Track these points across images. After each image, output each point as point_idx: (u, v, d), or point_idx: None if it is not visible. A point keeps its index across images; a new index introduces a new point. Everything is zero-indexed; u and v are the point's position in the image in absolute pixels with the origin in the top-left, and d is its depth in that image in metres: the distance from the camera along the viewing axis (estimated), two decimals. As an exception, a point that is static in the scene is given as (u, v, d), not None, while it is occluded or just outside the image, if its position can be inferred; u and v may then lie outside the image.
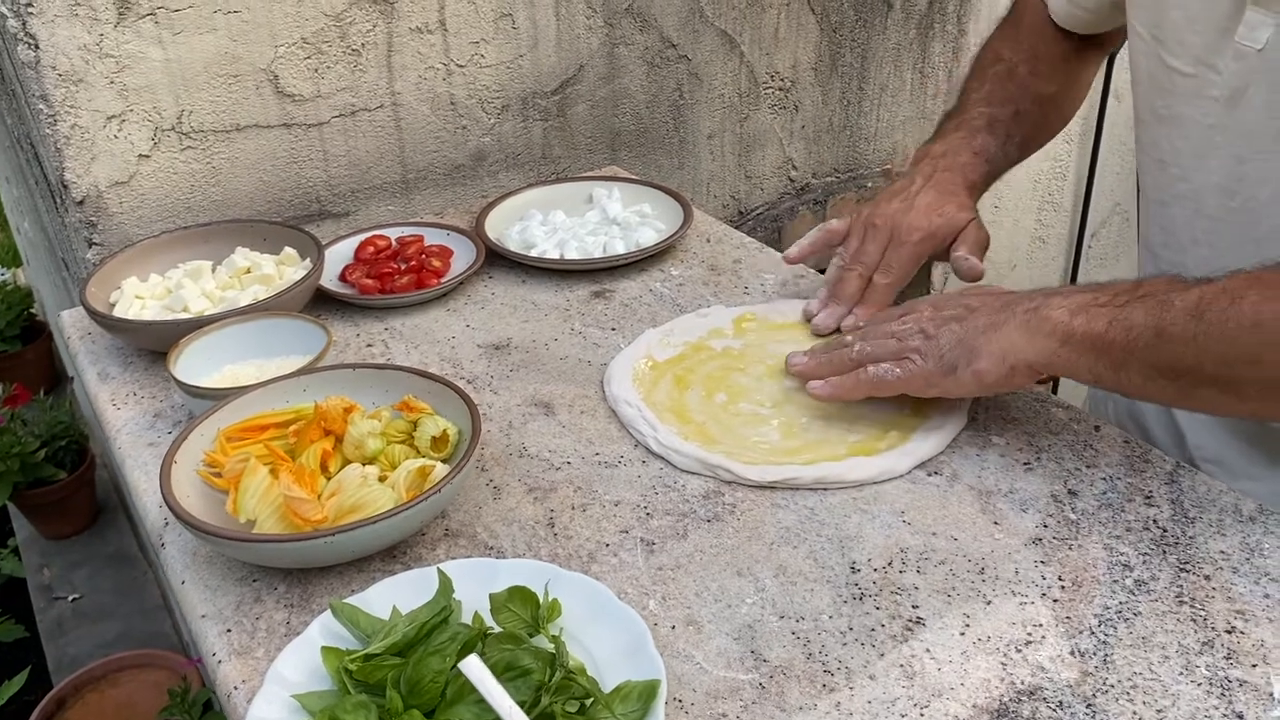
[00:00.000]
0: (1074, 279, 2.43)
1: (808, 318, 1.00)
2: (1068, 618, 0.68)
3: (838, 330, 0.97)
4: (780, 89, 1.66)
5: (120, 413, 0.92)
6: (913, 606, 0.69)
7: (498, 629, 0.64)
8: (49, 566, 2.06)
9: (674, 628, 0.68)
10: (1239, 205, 0.83)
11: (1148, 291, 0.72)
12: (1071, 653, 0.65)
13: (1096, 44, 1.09)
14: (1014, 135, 1.04)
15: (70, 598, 1.99)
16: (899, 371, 0.81)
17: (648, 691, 0.59)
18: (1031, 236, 2.26)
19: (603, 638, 0.65)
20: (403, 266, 1.11)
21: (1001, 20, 1.13)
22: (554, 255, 1.13)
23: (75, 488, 2.06)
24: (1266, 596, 0.69)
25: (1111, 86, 2.17)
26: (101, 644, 1.87)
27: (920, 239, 0.95)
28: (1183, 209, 0.89)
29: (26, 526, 2.14)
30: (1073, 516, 0.76)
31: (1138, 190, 1.01)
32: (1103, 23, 1.04)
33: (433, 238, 1.16)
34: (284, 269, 1.05)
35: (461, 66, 1.29)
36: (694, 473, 0.82)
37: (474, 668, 0.56)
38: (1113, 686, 0.63)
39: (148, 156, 1.12)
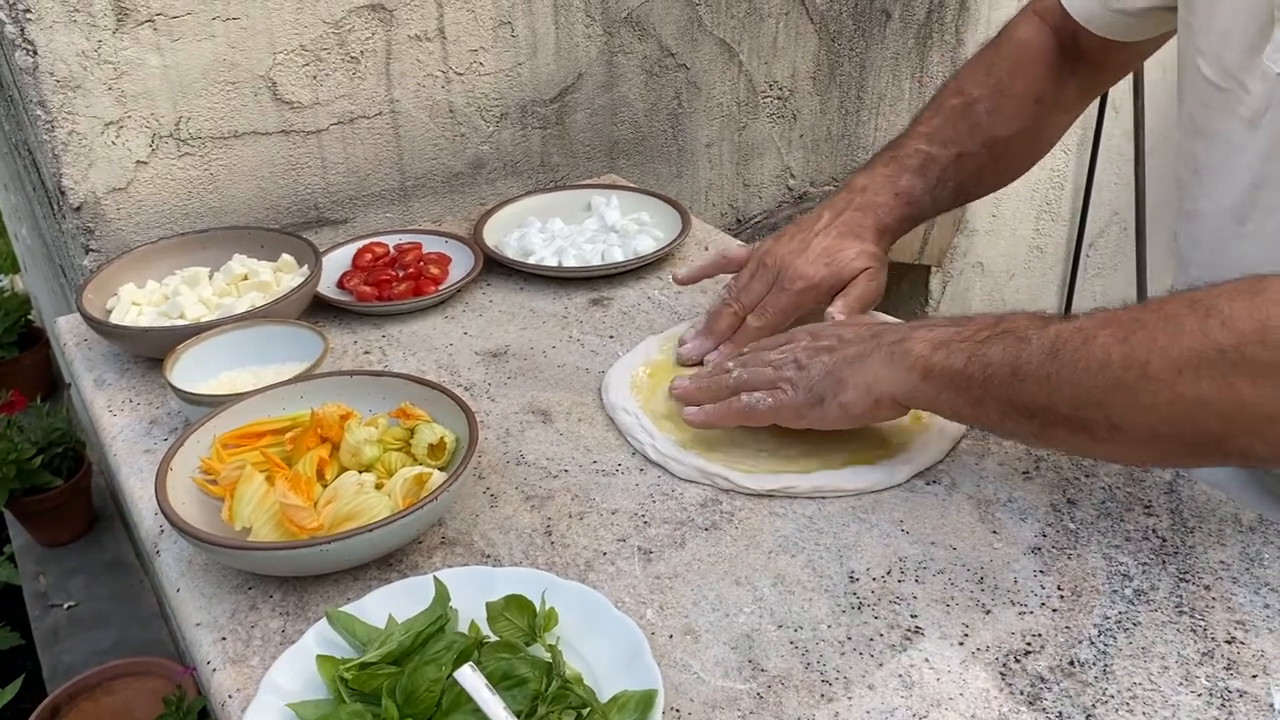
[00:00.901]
0: (1072, 289, 2.43)
1: (680, 344, 0.98)
2: (1067, 627, 0.68)
3: (700, 363, 0.96)
4: (779, 98, 1.67)
5: (116, 419, 0.92)
6: (911, 616, 0.69)
7: (494, 638, 0.64)
8: (45, 574, 2.06)
9: (671, 637, 0.68)
10: (1249, 232, 0.80)
11: (1008, 328, 0.71)
12: (1071, 663, 0.65)
13: (1095, 73, 1.01)
14: (948, 180, 0.98)
15: (66, 605, 1.98)
16: (770, 401, 0.81)
17: (645, 701, 0.59)
18: (1029, 246, 2.26)
19: (600, 647, 0.64)
20: (400, 274, 1.10)
21: (983, 45, 1.05)
22: (552, 263, 1.13)
23: (71, 495, 2.05)
24: (1266, 607, 0.68)
25: (1110, 98, 2.17)
26: (97, 652, 1.86)
27: (803, 289, 0.93)
28: (1202, 226, 0.86)
29: (22, 534, 2.13)
30: (1072, 526, 0.76)
31: (1174, 199, 0.95)
32: (1137, 30, 0.94)
33: (431, 245, 1.16)
34: (281, 276, 1.05)
35: (460, 74, 1.29)
36: (692, 481, 0.82)
37: (469, 677, 0.56)
38: (1112, 697, 0.63)
39: (145, 163, 1.12)
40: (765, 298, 0.95)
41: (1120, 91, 2.21)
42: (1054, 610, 0.69)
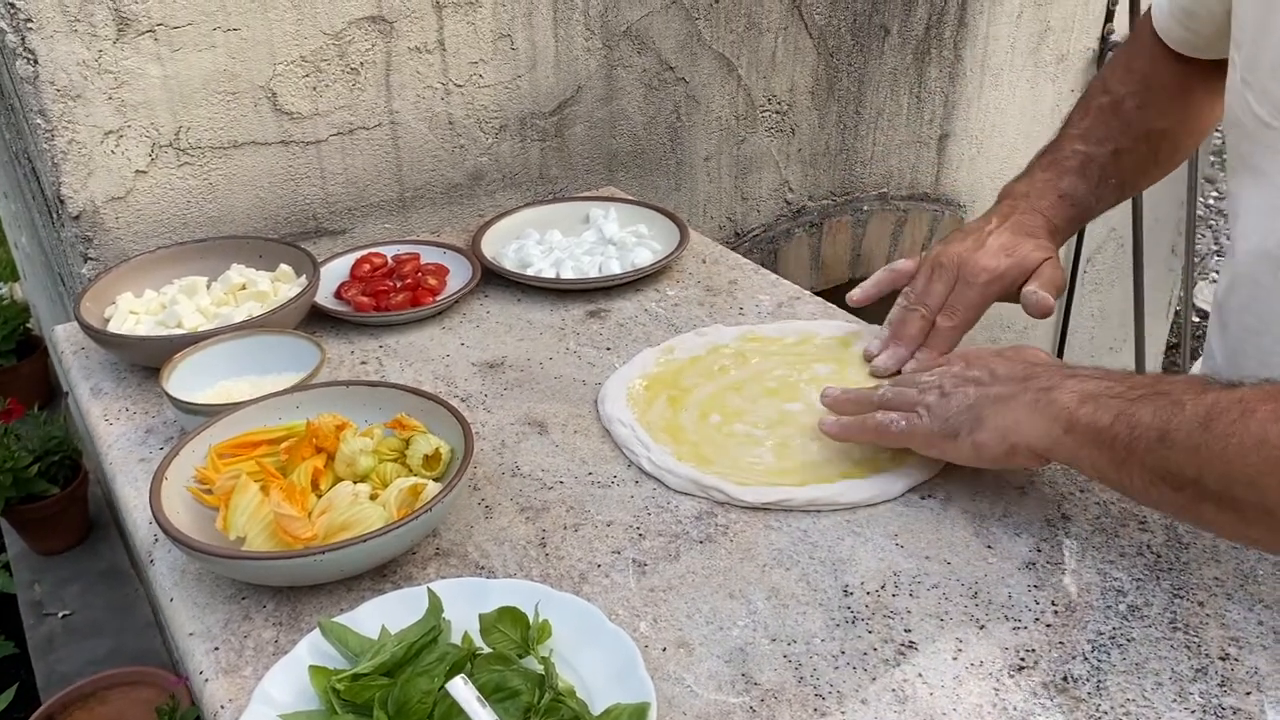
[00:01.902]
0: (1069, 303, 2.43)
1: (868, 359, 0.96)
2: (1061, 643, 0.67)
3: (898, 373, 0.93)
4: (777, 112, 1.67)
5: (112, 428, 0.92)
6: (905, 630, 0.69)
7: (487, 649, 0.64)
8: (40, 582, 2.05)
9: (665, 650, 0.68)
10: None
11: (1162, 389, 0.66)
12: (1064, 678, 0.65)
13: (1218, 69, 0.95)
14: (1110, 177, 0.97)
15: (61, 614, 1.97)
16: (903, 424, 0.78)
17: (637, 714, 0.59)
18: (1028, 261, 2.26)
19: (593, 659, 0.64)
20: (398, 284, 1.11)
21: (1119, 45, 1.05)
22: (550, 274, 1.13)
23: (67, 503, 2.04)
24: (1260, 623, 0.68)
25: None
26: (91, 661, 1.86)
27: (987, 280, 0.91)
28: (1241, 266, 0.83)
29: (18, 542, 2.12)
30: (1066, 541, 0.76)
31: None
32: (1213, 47, 0.93)
33: (429, 256, 1.17)
34: (279, 286, 1.05)
35: (460, 86, 1.30)
36: (687, 494, 0.82)
37: (460, 689, 0.56)
38: (1106, 713, 0.62)
39: (145, 172, 1.12)
40: (950, 296, 0.93)
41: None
42: (1048, 625, 0.69)
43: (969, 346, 0.86)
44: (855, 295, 0.99)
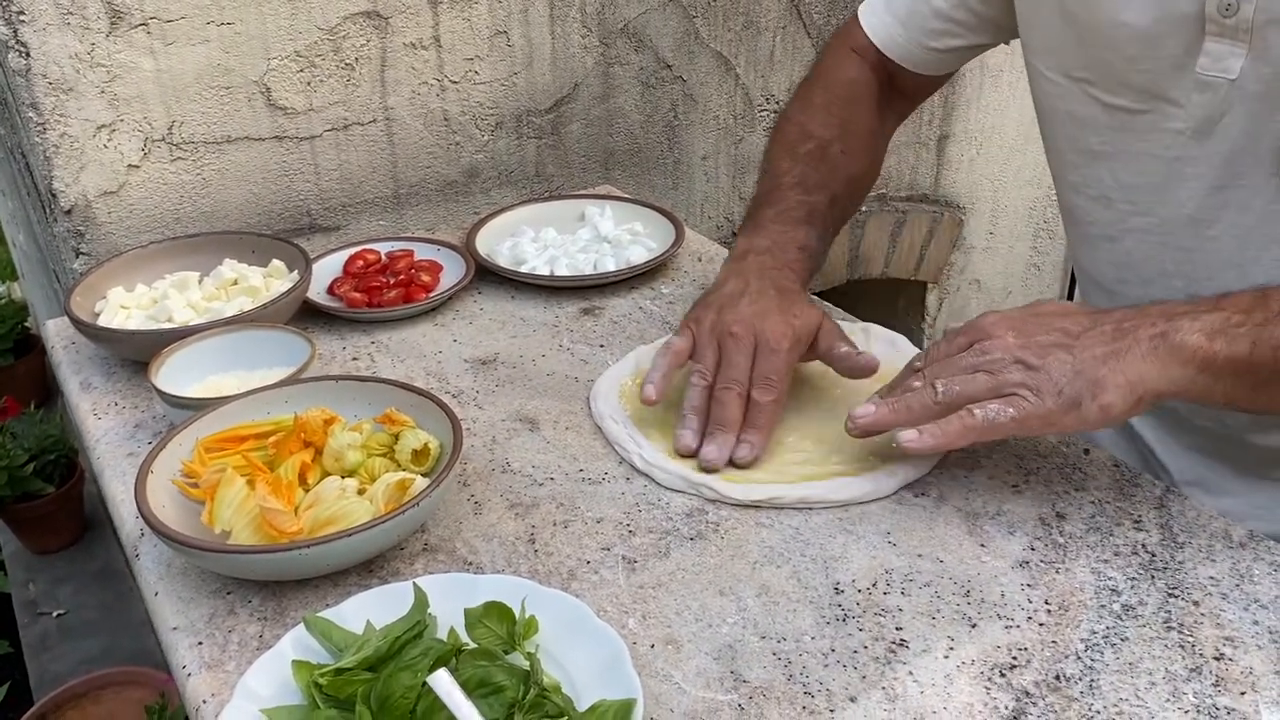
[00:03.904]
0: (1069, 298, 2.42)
1: (684, 453, 0.84)
2: (1054, 642, 0.67)
3: (731, 463, 0.83)
4: (775, 112, 1.67)
5: (101, 422, 0.91)
6: (896, 628, 0.68)
7: (473, 645, 0.63)
8: (34, 581, 2.04)
9: (653, 646, 0.67)
10: (1218, 234, 0.82)
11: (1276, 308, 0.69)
12: (1057, 677, 0.64)
13: (906, 103, 1.07)
14: (829, 226, 0.98)
15: (55, 613, 1.97)
16: (1013, 411, 0.71)
17: (623, 710, 0.58)
18: (1026, 264, 2.26)
19: (580, 656, 0.63)
20: (391, 281, 1.10)
21: (802, 84, 1.06)
22: (544, 272, 1.13)
23: (63, 502, 2.04)
24: (1255, 623, 0.68)
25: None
26: (85, 660, 1.85)
27: (790, 345, 0.85)
28: (1141, 242, 0.87)
29: (13, 541, 2.12)
30: (1060, 540, 0.75)
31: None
32: (948, 64, 1.02)
33: (423, 253, 1.16)
34: (271, 281, 1.05)
35: (455, 83, 1.29)
36: (678, 490, 0.81)
37: (442, 682, 0.55)
38: (1098, 713, 0.62)
39: (137, 167, 1.12)
40: (756, 367, 0.85)
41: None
42: (1040, 624, 0.68)
43: (983, 315, 0.78)
44: (651, 395, 0.86)
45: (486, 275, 1.14)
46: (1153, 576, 0.72)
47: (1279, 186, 0.77)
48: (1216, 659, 0.65)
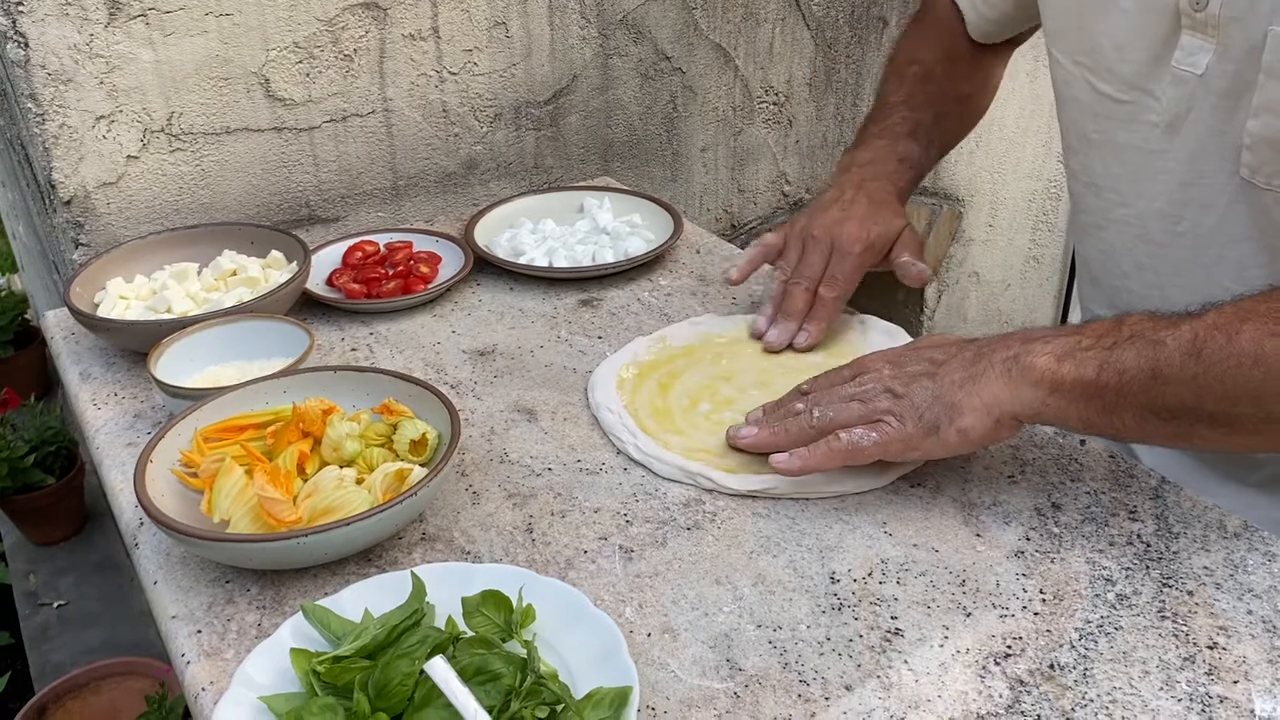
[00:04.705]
0: (1068, 299, 2.43)
1: (756, 335, 0.98)
2: (1048, 631, 0.67)
3: (790, 347, 0.97)
4: (774, 103, 1.67)
5: (100, 413, 0.92)
6: (891, 617, 0.68)
7: (470, 633, 0.63)
8: (35, 573, 2.05)
9: (650, 635, 0.67)
10: (1184, 230, 0.82)
11: (1134, 331, 0.69)
12: (1051, 666, 0.64)
13: (1008, 42, 1.11)
14: (935, 140, 1.05)
15: (55, 604, 1.97)
16: (875, 436, 0.75)
17: (619, 698, 0.58)
18: (1025, 256, 2.26)
19: (577, 644, 0.64)
20: (390, 272, 1.10)
21: (911, 18, 1.14)
22: (542, 263, 1.13)
23: (63, 494, 2.04)
24: (1249, 613, 0.68)
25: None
26: (86, 651, 1.85)
27: (862, 250, 0.95)
28: (1122, 234, 0.88)
29: (14, 532, 2.12)
30: (1055, 530, 0.76)
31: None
32: (1006, 31, 1.06)
33: (421, 244, 1.16)
34: (270, 272, 1.05)
35: (454, 74, 1.29)
36: (675, 481, 0.81)
37: (439, 669, 0.56)
38: (1092, 701, 0.62)
39: (136, 158, 1.12)
40: (828, 267, 0.95)
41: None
42: (1035, 614, 0.68)
43: (869, 353, 0.84)
44: (734, 275, 1.01)
45: (485, 267, 1.14)
46: (1147, 566, 0.72)
47: (1240, 186, 0.77)
48: (1210, 648, 0.65)
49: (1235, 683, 0.63)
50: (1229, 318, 0.66)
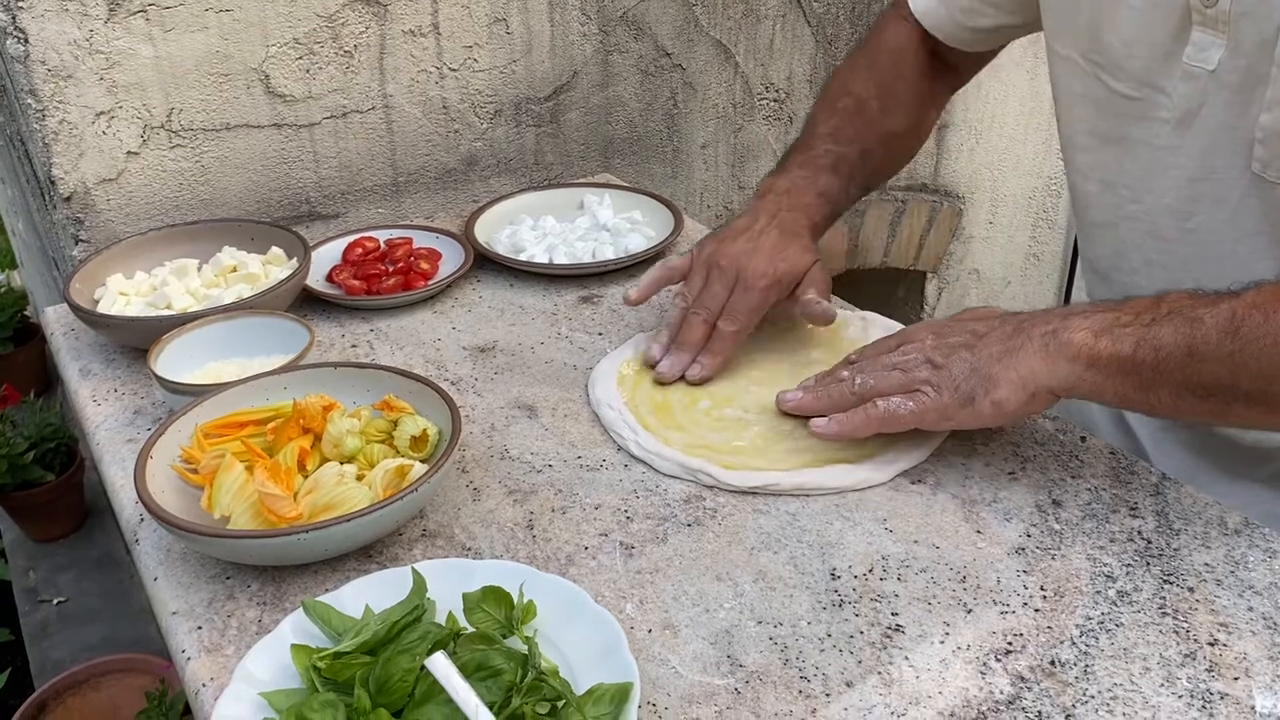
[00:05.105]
0: (1068, 296, 2.43)
1: (649, 363, 0.94)
2: (1049, 627, 0.67)
3: (681, 379, 0.92)
4: (775, 100, 1.66)
5: (100, 409, 0.92)
6: (892, 614, 0.68)
7: (471, 629, 0.63)
8: (35, 569, 2.05)
9: (650, 631, 0.67)
10: (1195, 226, 0.82)
11: (1172, 309, 0.70)
12: (1052, 663, 0.64)
13: (954, 75, 1.08)
14: (857, 176, 1.01)
15: (55, 601, 1.97)
16: (912, 405, 0.77)
17: (620, 694, 0.58)
18: (1026, 254, 2.26)
19: (577, 640, 0.64)
20: (390, 268, 1.10)
21: (854, 49, 1.10)
22: (543, 260, 1.13)
23: (63, 490, 2.04)
24: (1250, 609, 0.68)
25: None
26: (86, 647, 1.86)
27: (767, 285, 0.91)
28: (1133, 230, 0.87)
29: (13, 529, 2.12)
30: (1056, 526, 0.76)
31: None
32: (985, 42, 1.03)
33: (421, 240, 1.16)
34: (270, 268, 1.05)
35: (454, 70, 1.29)
36: (675, 477, 0.81)
37: (440, 664, 0.56)
38: (1093, 697, 0.62)
39: (136, 154, 1.12)
40: (730, 300, 0.92)
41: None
42: (1036, 610, 0.68)
43: (917, 323, 0.84)
44: (632, 296, 0.97)
45: (485, 263, 1.14)
46: (1148, 563, 0.72)
47: (1252, 181, 0.77)
48: (1211, 644, 0.65)
49: (1236, 679, 0.63)
50: (1268, 296, 0.66)
